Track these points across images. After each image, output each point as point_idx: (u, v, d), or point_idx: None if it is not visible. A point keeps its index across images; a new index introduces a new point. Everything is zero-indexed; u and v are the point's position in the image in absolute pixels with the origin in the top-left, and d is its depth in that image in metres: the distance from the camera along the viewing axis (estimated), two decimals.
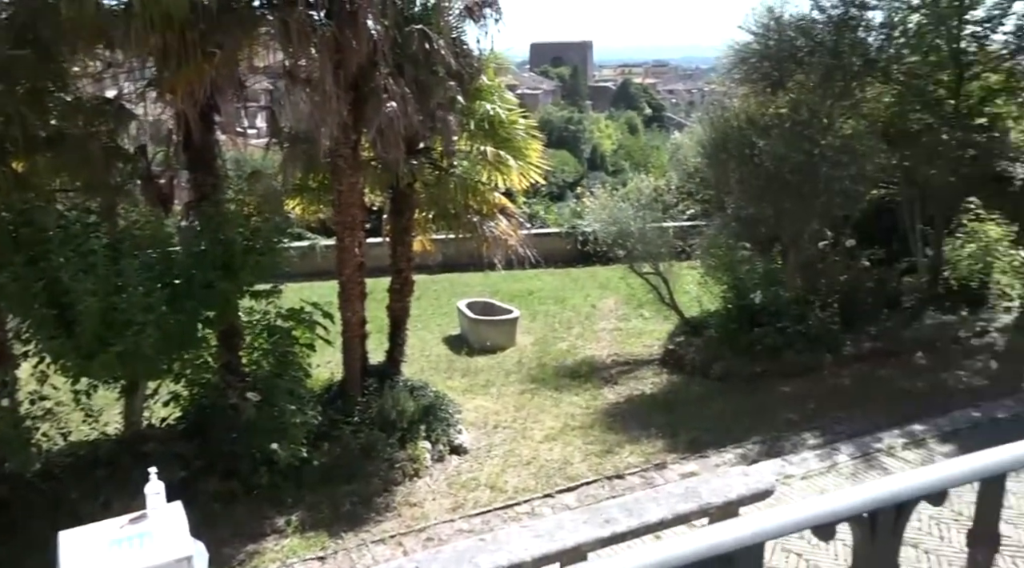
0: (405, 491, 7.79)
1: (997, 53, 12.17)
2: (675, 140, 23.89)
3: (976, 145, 12.06)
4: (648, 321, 14.21)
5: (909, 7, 12.19)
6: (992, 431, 8.40)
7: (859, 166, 11.43)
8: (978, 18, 11.92)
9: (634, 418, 9.84)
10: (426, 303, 15.65)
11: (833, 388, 10.59)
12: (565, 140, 57.34)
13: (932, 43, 12.22)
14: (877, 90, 12.88)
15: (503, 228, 9.73)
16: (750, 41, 12.76)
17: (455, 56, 8.22)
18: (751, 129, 11.90)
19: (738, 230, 12.60)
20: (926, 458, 7.89)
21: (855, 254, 12.99)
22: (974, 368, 11.10)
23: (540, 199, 24.67)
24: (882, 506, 1.08)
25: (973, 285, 12.81)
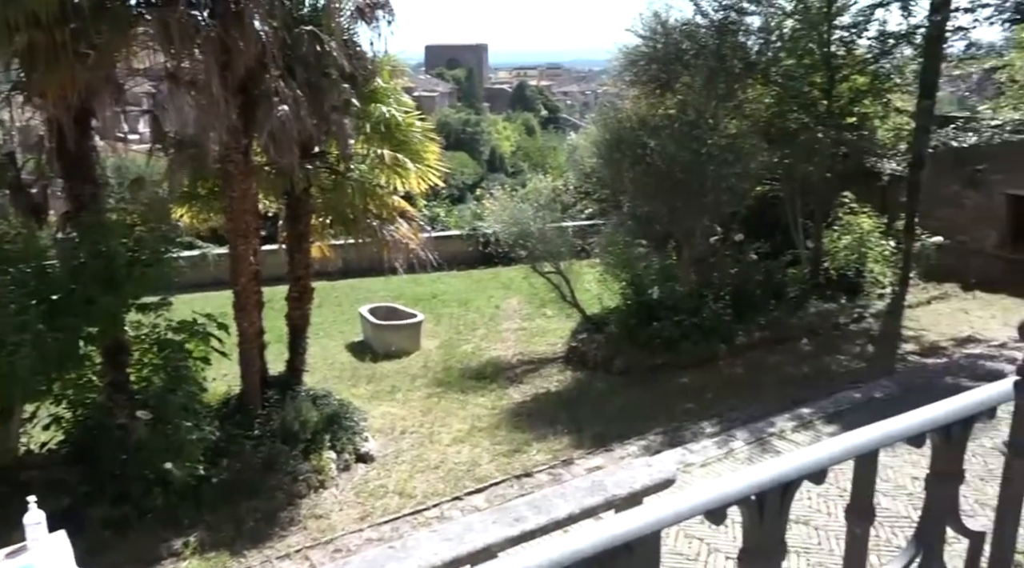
0: (311, 503, 7.60)
1: (863, 57, 13.03)
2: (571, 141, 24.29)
3: (848, 143, 12.90)
4: (551, 320, 14.41)
5: (784, 13, 12.90)
6: (870, 410, 8.98)
7: (744, 164, 11.99)
8: (845, 24, 12.73)
9: (540, 416, 9.96)
10: (327, 310, 15.32)
11: (728, 377, 11.05)
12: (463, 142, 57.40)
13: (806, 47, 12.96)
14: (758, 91, 13.56)
15: (403, 232, 9.65)
16: (639, 44, 13.18)
17: (348, 58, 8.08)
18: (642, 130, 12.28)
19: (634, 228, 12.98)
20: (813, 438, 8.35)
21: (744, 248, 13.63)
22: (853, 352, 11.83)
23: (440, 202, 24.61)
24: (768, 488, 1.14)
25: (850, 274, 13.64)
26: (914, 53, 12.67)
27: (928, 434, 1.38)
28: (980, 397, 1.42)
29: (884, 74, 13.19)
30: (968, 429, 1.42)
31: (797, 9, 12.65)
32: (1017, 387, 1.46)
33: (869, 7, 12.50)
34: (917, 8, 12.25)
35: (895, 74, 13.17)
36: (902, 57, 12.97)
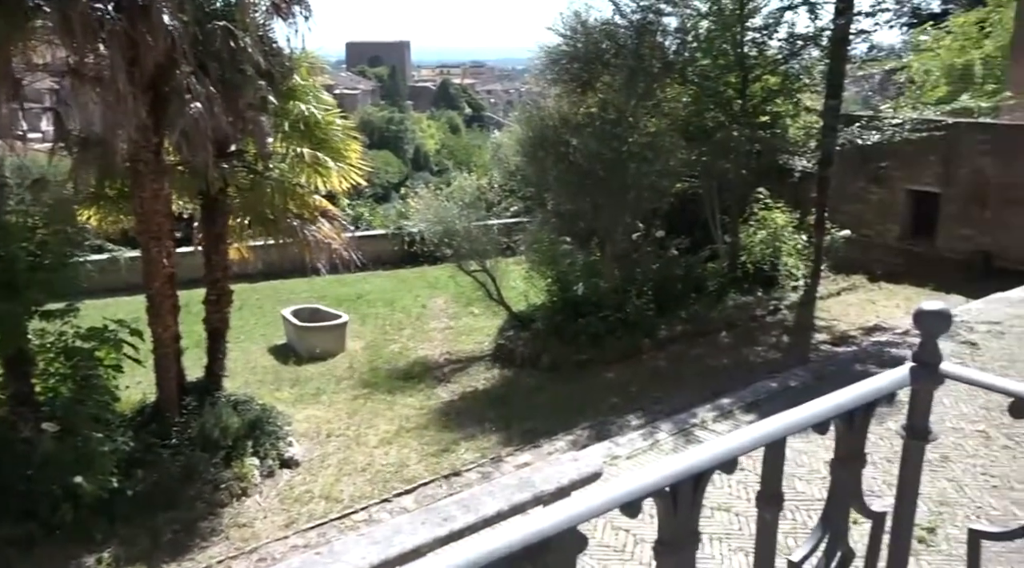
0: (233, 512, 7.38)
1: (774, 58, 13.50)
2: (495, 139, 24.38)
3: (761, 141, 13.34)
4: (478, 318, 14.41)
5: (699, 14, 13.23)
6: (786, 398, 9.32)
7: (663, 162, 12.25)
8: (757, 26, 13.16)
9: (469, 415, 9.95)
10: (248, 313, 14.91)
11: (652, 370, 11.28)
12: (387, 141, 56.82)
13: (720, 48, 13.33)
14: (676, 91, 13.87)
15: (325, 231, 9.47)
16: (560, 43, 13.30)
17: (264, 54, 7.88)
18: (565, 128, 12.41)
19: (558, 225, 13.11)
20: (733, 427, 8.61)
21: (665, 244, 13.94)
22: (769, 343, 12.26)
23: (365, 201, 24.28)
24: (681, 479, 1.16)
25: (766, 268, 14.12)
26: (821, 54, 13.20)
27: (832, 420, 1.44)
28: (879, 383, 1.49)
29: (794, 74, 13.70)
30: (869, 414, 1.49)
31: (711, 11, 13.00)
32: (913, 373, 1.53)
33: (779, 10, 12.97)
34: (823, 12, 12.77)
35: (804, 74, 13.69)
36: (810, 58, 13.49)
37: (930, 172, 15.09)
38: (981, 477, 6.71)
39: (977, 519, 6.12)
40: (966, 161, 14.62)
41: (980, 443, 7.29)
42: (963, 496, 6.42)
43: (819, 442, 7.28)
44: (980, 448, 7.20)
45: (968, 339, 10.17)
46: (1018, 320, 10.75)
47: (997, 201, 14.29)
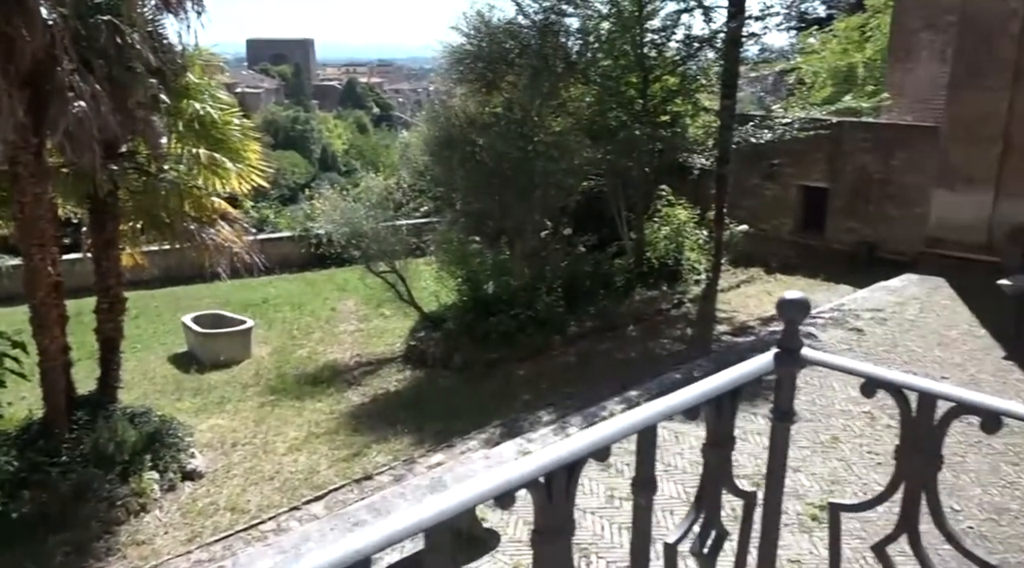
0: (131, 529, 7.06)
1: (672, 59, 13.92)
2: (403, 139, 24.17)
3: (662, 139, 13.74)
4: (389, 319, 14.27)
5: (600, 15, 13.50)
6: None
7: (569, 161, 12.46)
8: (655, 28, 13.54)
9: (380, 417, 9.85)
10: (146, 321, 14.30)
11: (562, 366, 11.45)
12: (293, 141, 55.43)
13: (621, 49, 13.63)
14: (580, 90, 14.12)
15: (225, 235, 9.16)
16: (464, 43, 13.31)
17: (153, 51, 7.56)
18: (471, 128, 12.45)
19: (467, 225, 13.14)
20: None
21: (573, 241, 14.17)
22: (674, 335, 12.65)
23: (270, 203, 23.66)
24: (555, 469, 1.20)
25: (670, 263, 14.55)
26: (716, 56, 13.69)
27: (701, 406, 1.51)
28: (745, 370, 1.58)
29: (692, 75, 14.17)
30: (736, 400, 1.57)
31: (611, 13, 13.28)
32: (777, 359, 1.63)
33: (675, 12, 13.37)
34: (717, 15, 13.26)
35: (701, 75, 14.18)
36: (706, 59, 13.98)
37: (819, 168, 15.91)
38: (867, 455, 7.12)
39: (864, 495, 6.50)
40: (850, 158, 15.48)
41: (866, 424, 7.74)
42: (851, 474, 6.80)
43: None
44: (866, 428, 7.65)
45: (855, 326, 10.78)
46: (899, 307, 11.47)
47: (878, 196, 15.21)
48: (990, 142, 12.77)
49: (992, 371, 9.00)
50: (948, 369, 9.14)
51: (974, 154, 12.99)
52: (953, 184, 13.39)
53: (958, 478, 6.64)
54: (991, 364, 9.21)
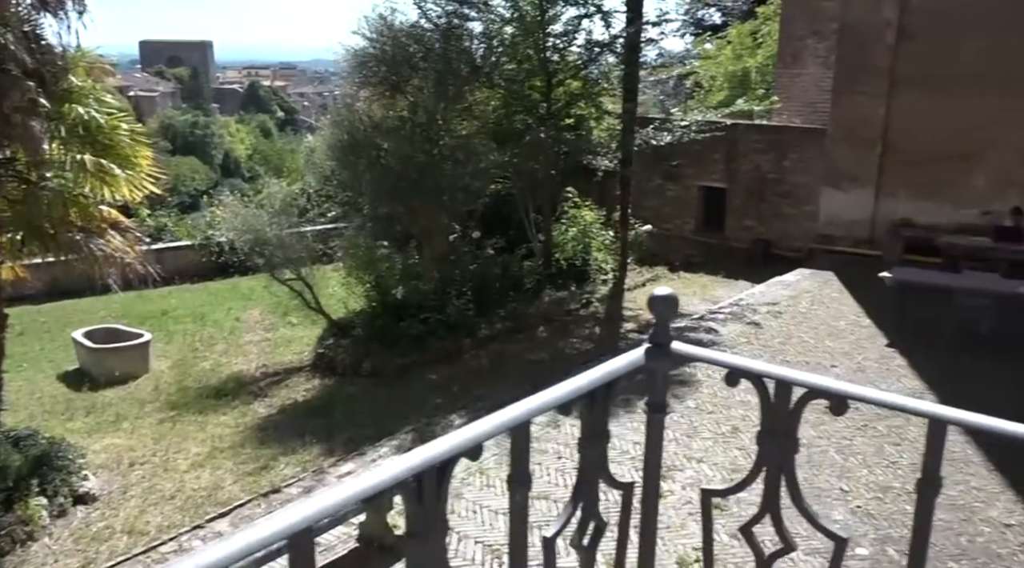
0: (17, 560, 6.64)
1: (575, 63, 14.19)
2: (309, 143, 23.68)
3: (567, 142, 13.98)
4: (296, 328, 13.95)
5: (503, 20, 13.62)
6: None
7: (475, 164, 12.50)
8: (558, 32, 13.78)
9: (288, 428, 9.61)
10: (32, 338, 13.49)
11: (474, 369, 11.47)
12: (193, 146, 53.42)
13: (524, 53, 13.80)
14: (485, 94, 14.20)
15: (116, 245, 8.72)
16: (366, 46, 13.17)
17: (30, 53, 7.14)
18: (376, 132, 12.32)
19: (375, 230, 13.00)
20: (551, 418, 8.97)
21: (482, 244, 14.23)
22: (583, 334, 12.87)
23: (168, 211, 22.71)
24: (425, 470, 1.21)
25: (578, 263, 14.82)
26: (617, 60, 14.05)
27: (575, 402, 1.56)
28: (618, 365, 1.64)
29: (593, 79, 14.49)
30: (610, 394, 1.63)
31: (514, 17, 13.43)
32: (648, 354, 1.69)
33: (576, 18, 13.64)
34: (616, 20, 13.59)
35: (603, 79, 14.53)
36: (607, 64, 14.33)
37: (717, 169, 16.54)
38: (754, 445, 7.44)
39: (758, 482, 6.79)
40: (745, 159, 16.16)
41: (753, 407, 8.09)
42: (750, 461, 7.06)
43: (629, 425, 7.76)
44: (751, 412, 7.99)
45: (753, 320, 11.26)
46: (792, 301, 12.04)
47: (772, 195, 15.93)
48: (870, 144, 13.58)
49: (876, 358, 9.57)
50: (837, 358, 9.66)
51: (857, 155, 13.79)
52: (839, 183, 14.17)
53: (847, 460, 7.03)
54: (875, 352, 9.79)
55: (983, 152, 12.53)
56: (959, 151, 12.65)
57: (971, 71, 12.31)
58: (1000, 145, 12.36)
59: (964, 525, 5.90)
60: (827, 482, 6.68)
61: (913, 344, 9.74)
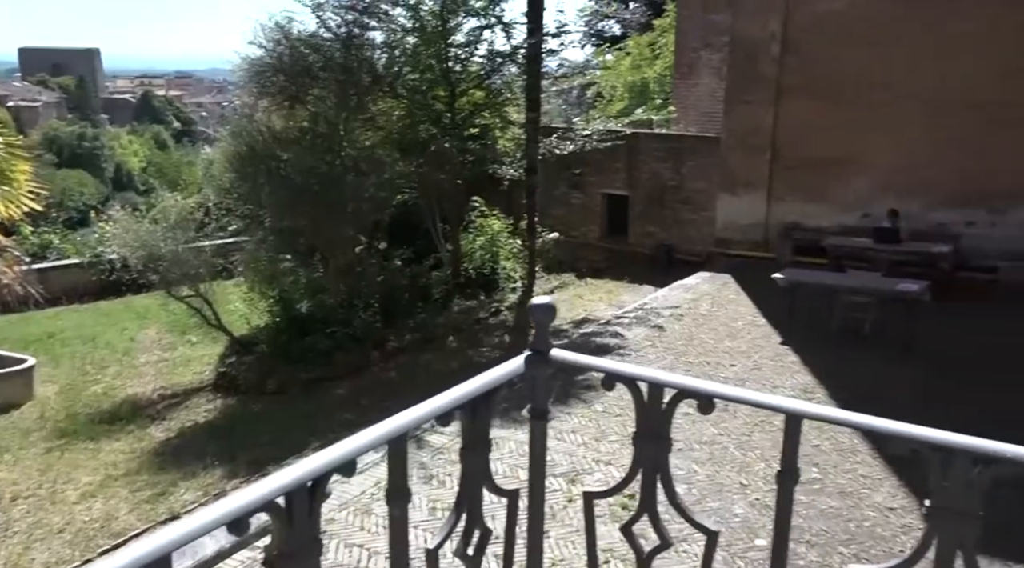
0: None
1: (477, 73, 14.28)
2: (207, 155, 22.94)
3: (472, 152, 14.03)
4: (196, 347, 13.42)
5: (404, 30, 13.57)
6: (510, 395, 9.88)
7: (380, 174, 12.38)
8: (459, 43, 13.82)
9: (188, 451, 9.23)
10: None
11: (383, 382, 11.33)
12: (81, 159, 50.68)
13: (427, 63, 13.78)
14: (388, 104, 14.10)
15: None
16: (263, 55, 12.86)
17: None
18: (276, 143, 12.04)
19: (278, 243, 12.68)
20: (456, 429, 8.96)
21: (389, 255, 14.09)
22: (493, 343, 12.92)
23: (54, 227, 21.47)
24: (295, 489, 1.19)
25: (486, 272, 14.87)
26: (519, 71, 14.21)
27: (455, 412, 1.57)
28: (499, 373, 1.66)
29: (497, 89, 14.61)
30: (490, 403, 1.65)
31: (415, 27, 13.40)
32: (528, 361, 1.72)
33: (478, 28, 13.74)
34: (517, 32, 13.77)
35: (505, 89, 14.66)
36: (510, 74, 14.48)
37: (619, 177, 16.94)
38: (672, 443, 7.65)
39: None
40: (645, 167, 16.63)
41: None
42: None
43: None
44: None
45: (657, 323, 11.56)
46: (693, 304, 12.44)
47: (672, 201, 16.45)
48: (761, 151, 14.23)
49: (771, 356, 9.99)
50: (736, 357, 10.04)
51: (749, 162, 14.41)
52: (734, 189, 14.77)
53: (745, 455, 7.31)
54: (770, 350, 10.23)
55: (862, 157, 13.32)
56: (841, 156, 13.41)
57: (850, 81, 13.09)
58: (878, 150, 13.17)
59: (852, 511, 6.22)
60: (728, 477, 6.92)
61: (804, 341, 10.22)
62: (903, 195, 12.84)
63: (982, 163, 12.18)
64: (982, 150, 12.11)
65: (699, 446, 7.46)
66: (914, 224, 12.53)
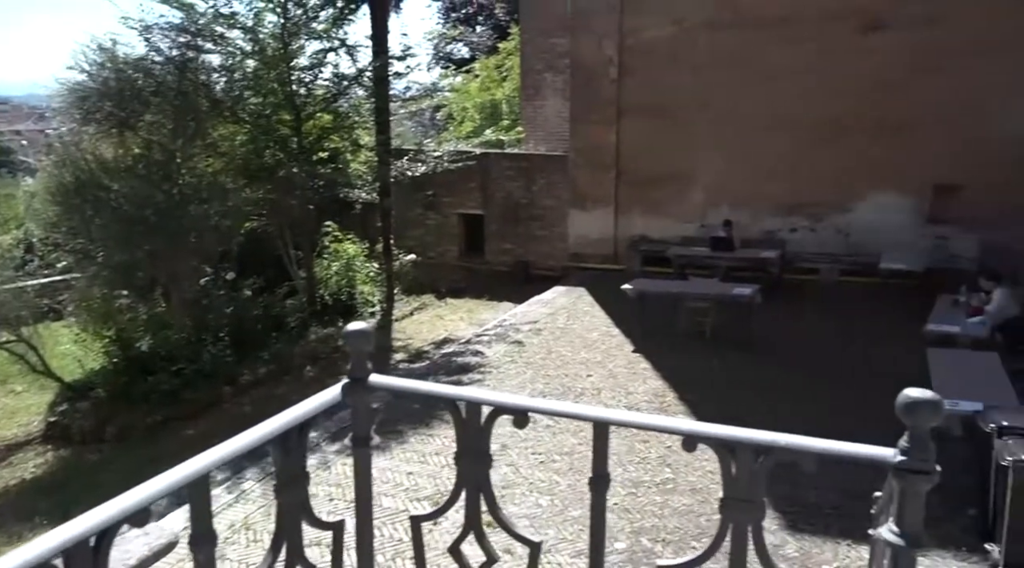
0: None
1: (323, 96, 14.03)
2: (28, 187, 21.04)
3: (322, 176, 13.75)
4: (21, 396, 12.23)
5: (243, 53, 13.13)
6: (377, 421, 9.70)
7: (223, 202, 11.87)
8: (303, 66, 13.55)
9: (13, 513, 8.38)
10: None
11: (237, 417, 10.77)
12: None
13: (269, 86, 13.39)
14: (230, 129, 13.56)
15: None
16: (85, 80, 12.02)
17: None
18: (105, 173, 11.27)
19: (112, 278, 11.84)
20: (321, 459, 8.68)
21: (238, 285, 13.50)
22: None
23: None
24: (77, 543, 1.11)
25: (343, 298, 14.57)
26: (366, 93, 14.10)
27: (268, 445, 1.52)
28: (314, 404, 1.62)
29: (344, 112, 14.42)
30: (305, 435, 1.61)
31: (255, 50, 13.00)
32: (346, 389, 1.70)
33: (321, 51, 13.52)
34: (362, 54, 13.69)
35: (353, 112, 14.50)
36: (357, 97, 14.34)
37: (473, 197, 17.16)
38: (532, 456, 7.75)
39: (531, 493, 7.07)
40: (498, 186, 16.95)
41: (529, 427, 8.45)
42: (519, 476, 7.35)
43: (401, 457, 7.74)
44: (529, 431, 8.35)
45: (516, 339, 11.75)
46: (551, 318, 12.75)
47: (525, 218, 16.84)
48: (606, 168, 14.87)
49: (625, 364, 10.40)
50: (592, 367, 10.37)
51: (595, 179, 15.02)
52: (584, 205, 15.33)
53: None
54: (624, 358, 10.64)
55: (696, 172, 14.23)
56: (677, 172, 14.26)
57: (680, 102, 13.97)
58: (709, 166, 14.11)
59: (702, 506, 6.56)
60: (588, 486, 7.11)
61: (655, 347, 10.72)
62: (735, 206, 13.81)
63: (802, 176, 13.32)
64: (801, 164, 13.25)
65: (559, 457, 7.63)
66: (746, 232, 13.50)
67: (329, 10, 13.32)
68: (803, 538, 6.04)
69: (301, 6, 13.00)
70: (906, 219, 12.86)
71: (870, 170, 12.96)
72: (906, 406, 1.19)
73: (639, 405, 8.99)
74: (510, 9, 25.34)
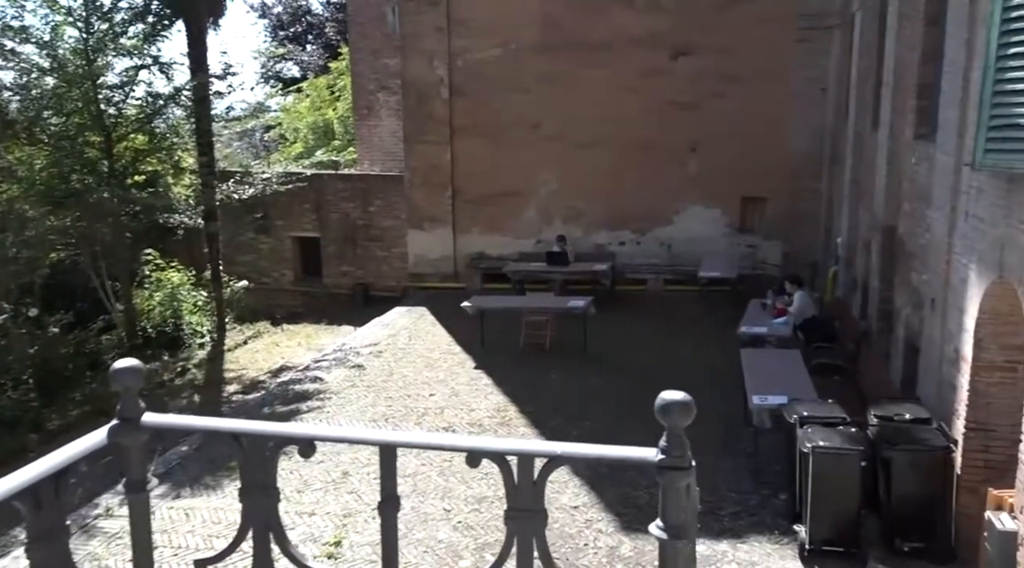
0: None
1: (137, 116, 13.14)
2: None
3: (139, 201, 12.84)
4: None
5: (40, 69, 12.06)
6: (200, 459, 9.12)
7: (20, 231, 10.81)
8: (111, 83, 12.63)
9: None
10: None
11: None
12: None
13: (73, 105, 12.36)
14: (28, 152, 12.39)
15: None
16: None
17: None
18: None
19: None
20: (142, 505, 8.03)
21: (43, 322, 12.30)
22: (181, 406, 11.82)
23: None
24: None
25: (168, 330, 13.66)
26: (185, 113, 13.36)
27: (14, 500, 1.37)
28: (74, 450, 1.49)
29: (162, 133, 13.57)
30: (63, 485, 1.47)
31: (54, 67, 11.96)
32: (115, 430, 1.58)
33: (132, 69, 12.67)
34: (178, 73, 12.96)
35: (172, 133, 13.68)
36: (175, 117, 13.55)
37: (308, 219, 16.66)
38: (375, 481, 7.56)
39: (374, 520, 6.91)
40: (333, 207, 16.58)
41: (373, 452, 8.27)
42: (362, 504, 7.16)
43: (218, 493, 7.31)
44: (373, 457, 8.16)
45: (356, 363, 11.49)
46: (392, 339, 12.60)
47: (363, 239, 16.58)
48: (442, 187, 14.96)
49: (467, 381, 10.44)
50: (434, 386, 10.33)
51: (432, 198, 15.06)
52: (422, 225, 15.32)
53: (447, 481, 7.51)
54: (466, 375, 10.69)
55: (529, 190, 14.63)
56: (511, 190, 14.59)
57: (509, 122, 14.34)
58: (540, 183, 14.57)
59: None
60: (432, 506, 7.05)
61: (496, 363, 10.86)
62: (567, 221, 14.34)
63: (625, 192, 14.05)
64: (624, 181, 13.97)
65: (402, 480, 7.48)
66: (579, 247, 14.04)
67: (139, 25, 12.53)
68: (637, 537, 6.31)
69: (106, 20, 12.13)
70: (719, 230, 13.90)
71: (686, 185, 13.92)
72: (661, 408, 1.27)
73: (481, 421, 9.05)
74: (340, 28, 24.98)
